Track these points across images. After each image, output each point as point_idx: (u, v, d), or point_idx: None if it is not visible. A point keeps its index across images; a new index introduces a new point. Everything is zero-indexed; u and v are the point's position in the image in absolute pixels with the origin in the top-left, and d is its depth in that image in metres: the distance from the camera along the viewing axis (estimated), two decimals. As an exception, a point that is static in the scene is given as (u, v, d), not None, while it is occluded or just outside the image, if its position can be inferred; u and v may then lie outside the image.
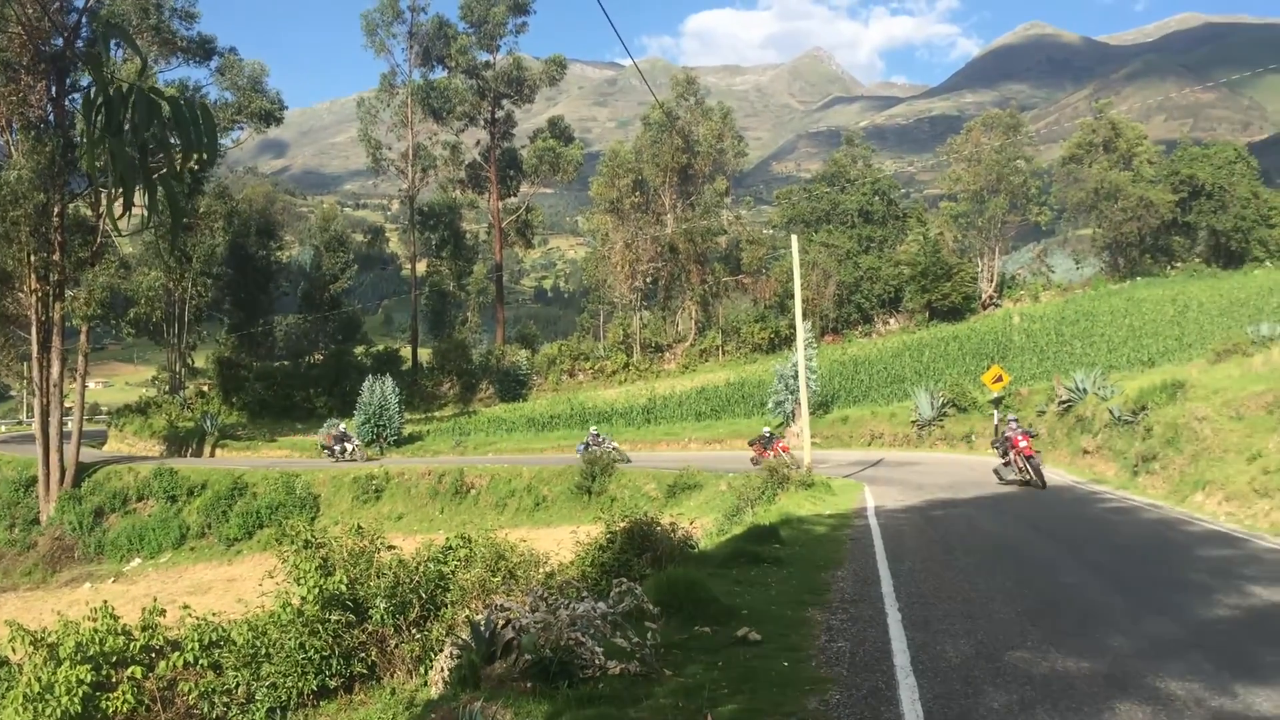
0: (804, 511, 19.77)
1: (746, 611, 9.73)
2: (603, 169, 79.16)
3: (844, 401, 52.12)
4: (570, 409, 60.10)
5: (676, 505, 31.43)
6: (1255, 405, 22.02)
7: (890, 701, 6.88)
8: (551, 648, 7.60)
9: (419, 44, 76.93)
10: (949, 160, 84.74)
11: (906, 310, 74.11)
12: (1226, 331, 43.17)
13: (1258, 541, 14.69)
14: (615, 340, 77.04)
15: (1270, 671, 7.43)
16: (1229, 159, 78.40)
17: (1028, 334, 59.00)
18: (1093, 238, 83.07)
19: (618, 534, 13.41)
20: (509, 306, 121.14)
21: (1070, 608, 10.14)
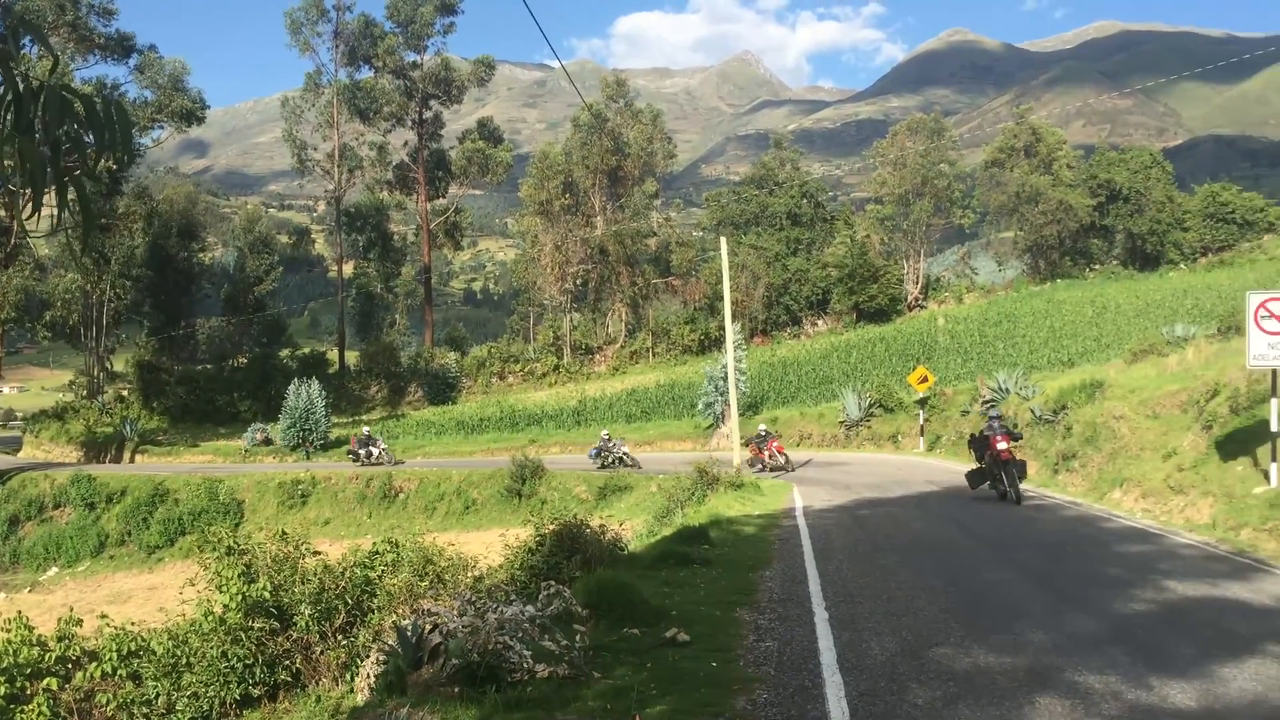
0: (733, 512, 19.86)
1: (676, 612, 9.74)
2: (532, 171, 78.96)
3: (773, 402, 52.52)
4: (500, 411, 59.80)
5: (607, 507, 31.38)
6: (1170, 404, 22.57)
7: (817, 699, 6.93)
8: (479, 652, 7.53)
9: (345, 43, 76.03)
10: (875, 164, 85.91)
11: (834, 312, 74.93)
12: (1143, 332, 44.25)
13: (1173, 537, 15.07)
14: (545, 342, 76.86)
15: (1184, 664, 7.61)
16: (1145, 164, 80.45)
17: (952, 335, 59.96)
18: (1014, 240, 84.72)
19: (547, 537, 13.35)
20: (438, 309, 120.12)
21: (992, 604, 10.31)
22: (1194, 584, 11.07)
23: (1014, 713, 6.54)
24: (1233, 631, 8.66)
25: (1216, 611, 9.57)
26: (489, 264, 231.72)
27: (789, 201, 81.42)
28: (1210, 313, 44.60)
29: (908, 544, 15.25)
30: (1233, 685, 7.03)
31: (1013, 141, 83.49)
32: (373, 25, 76.23)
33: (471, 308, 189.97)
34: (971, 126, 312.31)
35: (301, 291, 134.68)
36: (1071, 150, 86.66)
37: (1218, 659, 7.70)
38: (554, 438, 52.98)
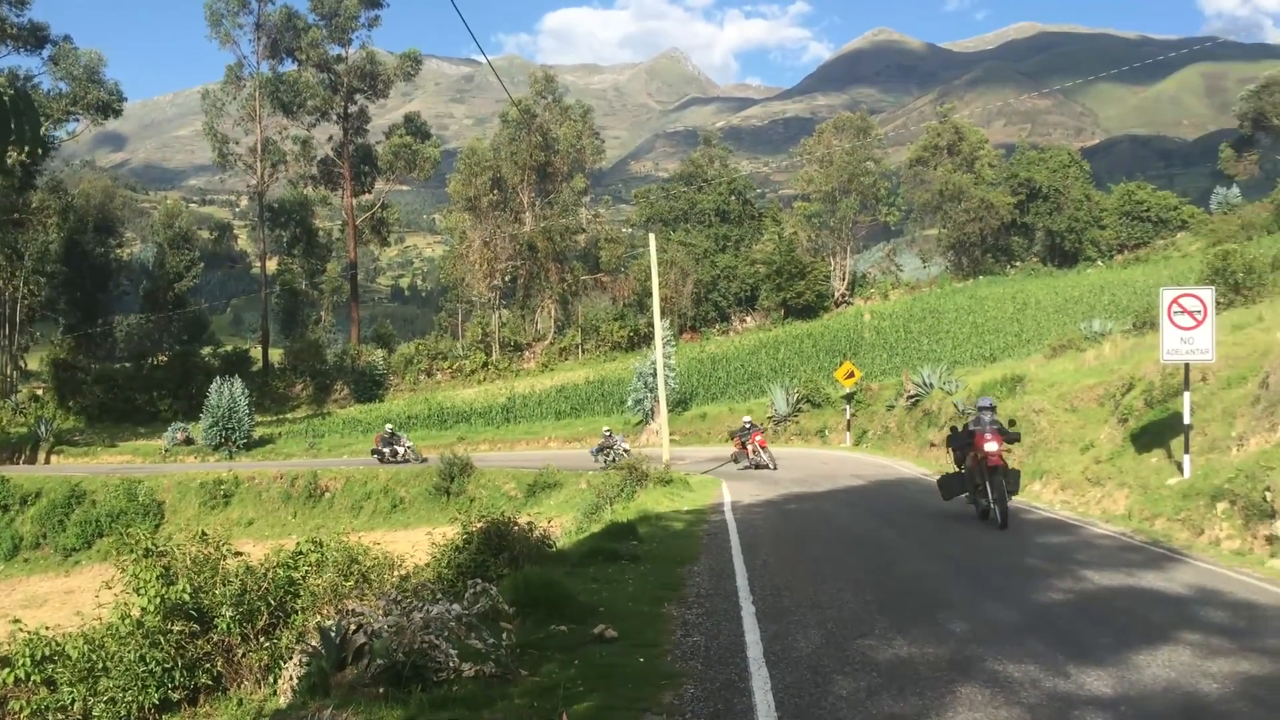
0: (662, 508, 19.90)
1: (604, 609, 9.73)
2: (460, 166, 78.41)
3: (702, 398, 52.77)
4: (428, 409, 59.34)
5: (536, 504, 31.33)
6: (1088, 398, 23.09)
7: (743, 693, 6.97)
8: (404, 651, 7.45)
9: (267, 35, 74.78)
10: (802, 161, 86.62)
11: (763, 308, 75.47)
12: (1062, 328, 45.20)
13: (1090, 528, 15.41)
14: (474, 339, 76.40)
15: (1101, 652, 7.78)
16: (1063, 163, 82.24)
17: (878, 331, 60.73)
18: (938, 238, 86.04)
19: (474, 534, 13.26)
20: (365, 305, 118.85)
21: (916, 595, 10.45)
22: (1110, 573, 11.33)
23: (935, 702, 6.63)
24: (1147, 620, 8.87)
25: (1132, 600, 9.80)
26: (417, 260, 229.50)
27: (717, 198, 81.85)
28: (1126, 308, 45.68)
29: (834, 537, 15.41)
30: (1147, 672, 7.20)
31: (936, 140, 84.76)
32: (295, 18, 75.05)
33: (399, 304, 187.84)
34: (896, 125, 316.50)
35: (223, 288, 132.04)
36: (993, 149, 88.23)
37: (1133, 647, 7.89)
38: (483, 435, 52.70)
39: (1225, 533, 13.73)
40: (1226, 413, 17.00)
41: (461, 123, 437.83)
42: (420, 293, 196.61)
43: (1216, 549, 13.29)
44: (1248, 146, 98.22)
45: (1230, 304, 28.94)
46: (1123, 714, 6.31)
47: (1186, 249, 70.49)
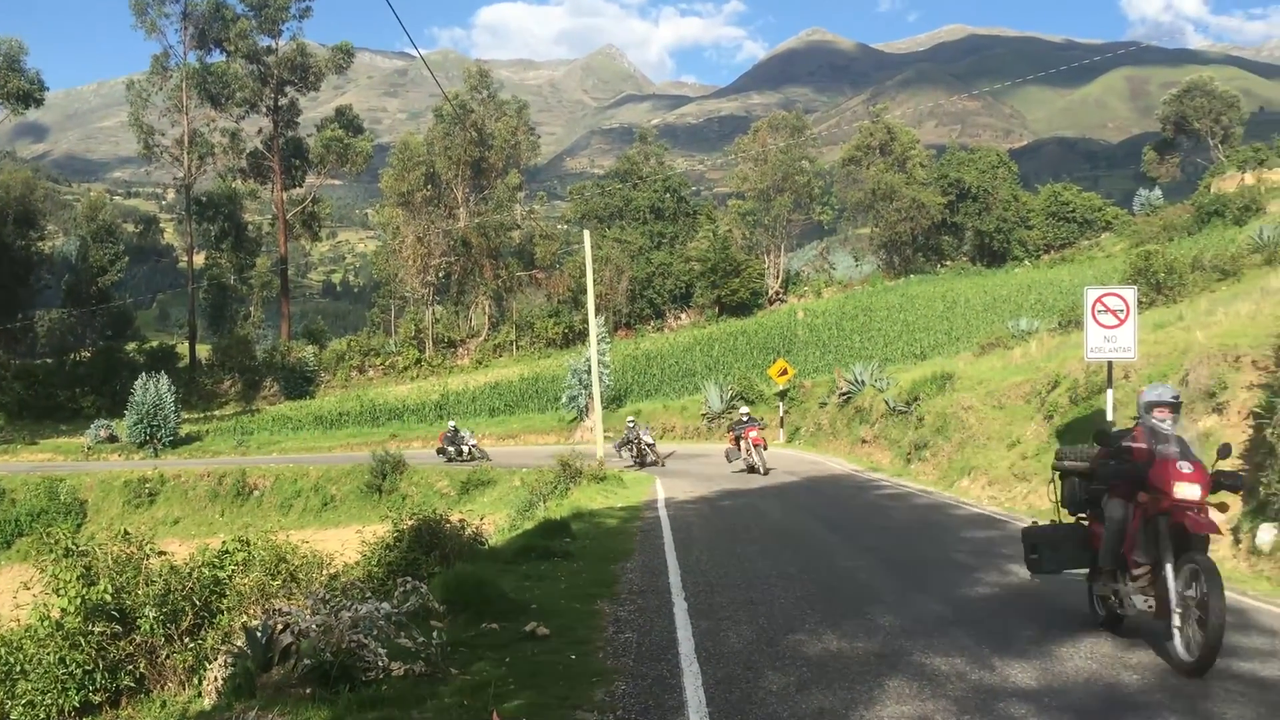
0: (596, 505, 19.89)
1: (536, 606, 9.69)
2: (393, 161, 77.69)
3: (636, 395, 52.84)
4: (360, 406, 58.73)
5: (470, 502, 31.18)
6: (1015, 395, 23.49)
7: (674, 689, 6.98)
8: (332, 651, 7.35)
9: (194, 25, 73.39)
10: (737, 159, 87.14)
11: (697, 305, 75.79)
12: (990, 326, 45.93)
13: (1016, 523, 15.65)
14: (407, 335, 75.75)
15: (1025, 644, 7.92)
16: (992, 164, 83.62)
17: (811, 328, 61.25)
18: (871, 236, 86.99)
19: (405, 532, 13.14)
20: (296, 301, 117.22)
21: (846, 590, 10.56)
22: (1035, 567, 11.53)
23: (863, 695, 6.70)
24: (1070, 612, 9.04)
25: (1055, 593, 9.96)
26: (349, 256, 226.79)
27: (652, 196, 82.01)
28: (1052, 307, 46.54)
29: (766, 533, 15.51)
30: (1069, 664, 7.35)
31: (869, 140, 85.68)
32: (224, 8, 73.78)
33: (331, 300, 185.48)
34: (830, 125, 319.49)
35: (149, 283, 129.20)
36: (924, 149, 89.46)
37: (1055, 639, 8.04)
38: (415, 432, 52.26)
39: (1146, 527, 14.04)
40: (1148, 409, 17.37)
41: (395, 117, 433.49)
42: (353, 288, 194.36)
43: (1137, 543, 13.58)
44: (1170, 149, 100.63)
45: (1152, 303, 29.60)
46: (1045, 705, 6.43)
47: (1111, 249, 72.04)
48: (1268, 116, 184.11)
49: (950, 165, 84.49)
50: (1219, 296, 26.34)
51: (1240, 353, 16.24)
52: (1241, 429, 14.65)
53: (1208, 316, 21.21)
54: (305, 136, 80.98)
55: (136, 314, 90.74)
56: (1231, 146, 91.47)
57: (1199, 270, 34.15)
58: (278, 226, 79.69)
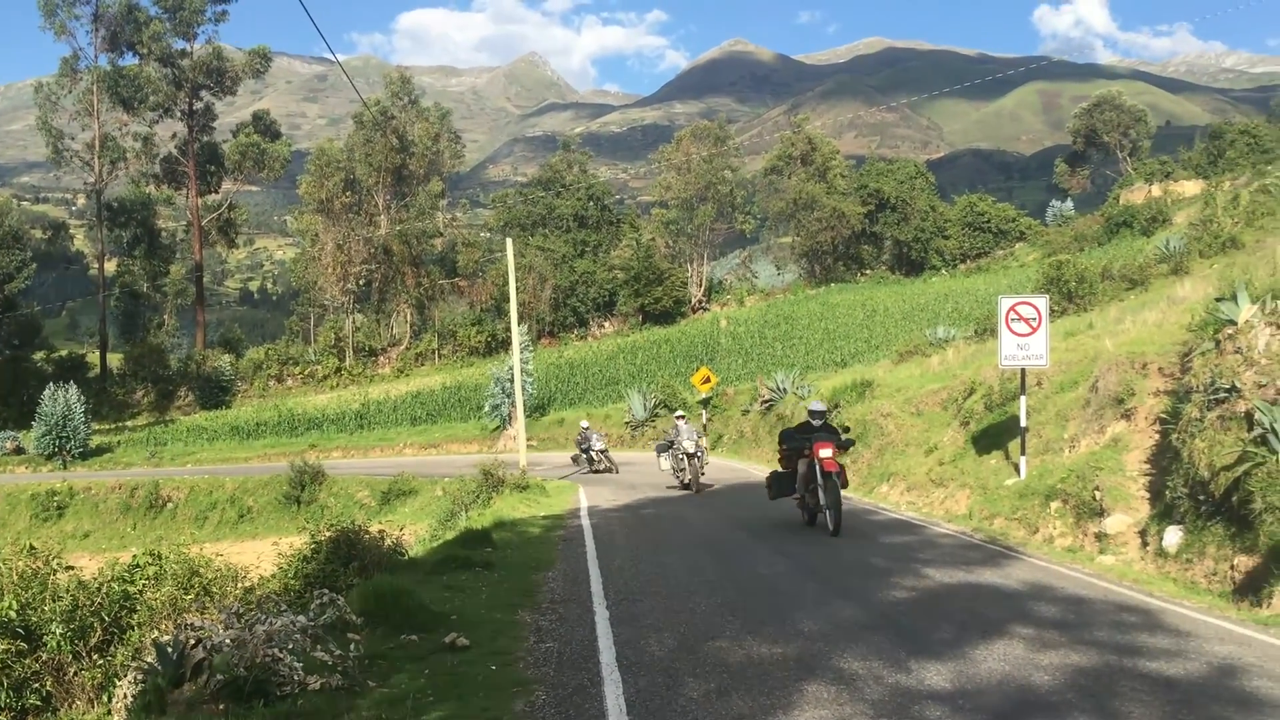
0: (518, 514, 19.78)
1: (456, 617, 9.60)
2: (311, 167, 76.59)
3: (560, 404, 52.74)
4: (278, 416, 57.78)
5: (391, 512, 30.81)
6: (932, 402, 23.89)
7: (595, 698, 6.96)
8: (246, 666, 7.20)
9: (105, 27, 71.78)
10: (660, 168, 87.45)
11: (621, 313, 75.89)
12: (908, 334, 46.66)
13: (933, 527, 15.94)
14: (327, 344, 74.75)
15: (940, 647, 8.03)
16: (910, 174, 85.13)
17: (734, 337, 61.68)
18: (792, 245, 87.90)
19: (323, 544, 12.95)
20: (212, 309, 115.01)
21: (767, 597, 10.62)
22: (951, 571, 11.73)
23: (783, 700, 6.74)
24: (984, 615, 9.20)
25: (970, 596, 10.15)
26: (267, 263, 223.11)
27: (576, 204, 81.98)
28: (968, 315, 47.44)
29: (688, 541, 15.55)
30: (983, 666, 7.47)
31: (790, 150, 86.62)
32: (136, 10, 72.28)
33: (248, 308, 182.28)
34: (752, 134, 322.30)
35: (58, 290, 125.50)
36: (844, 160, 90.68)
37: (970, 641, 8.17)
38: (335, 442, 51.62)
39: (1058, 530, 14.37)
40: (1060, 416, 17.79)
41: (315, 122, 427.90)
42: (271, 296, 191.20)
43: (1050, 546, 13.90)
44: (1080, 162, 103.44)
45: (1064, 312, 30.31)
46: (960, 706, 6.52)
47: (1024, 259, 73.69)
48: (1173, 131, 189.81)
49: (870, 176, 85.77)
50: (1127, 305, 27.07)
51: (1147, 360, 16.68)
52: (1149, 434, 15.05)
53: (1116, 325, 21.79)
54: (221, 142, 79.55)
55: (44, 322, 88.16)
56: (1139, 159, 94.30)
57: (1108, 280, 35.06)
58: (193, 233, 78.17)
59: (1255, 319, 12.88)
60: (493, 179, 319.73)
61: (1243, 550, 10.75)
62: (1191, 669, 7.38)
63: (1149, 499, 13.64)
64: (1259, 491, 10.59)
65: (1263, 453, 10.82)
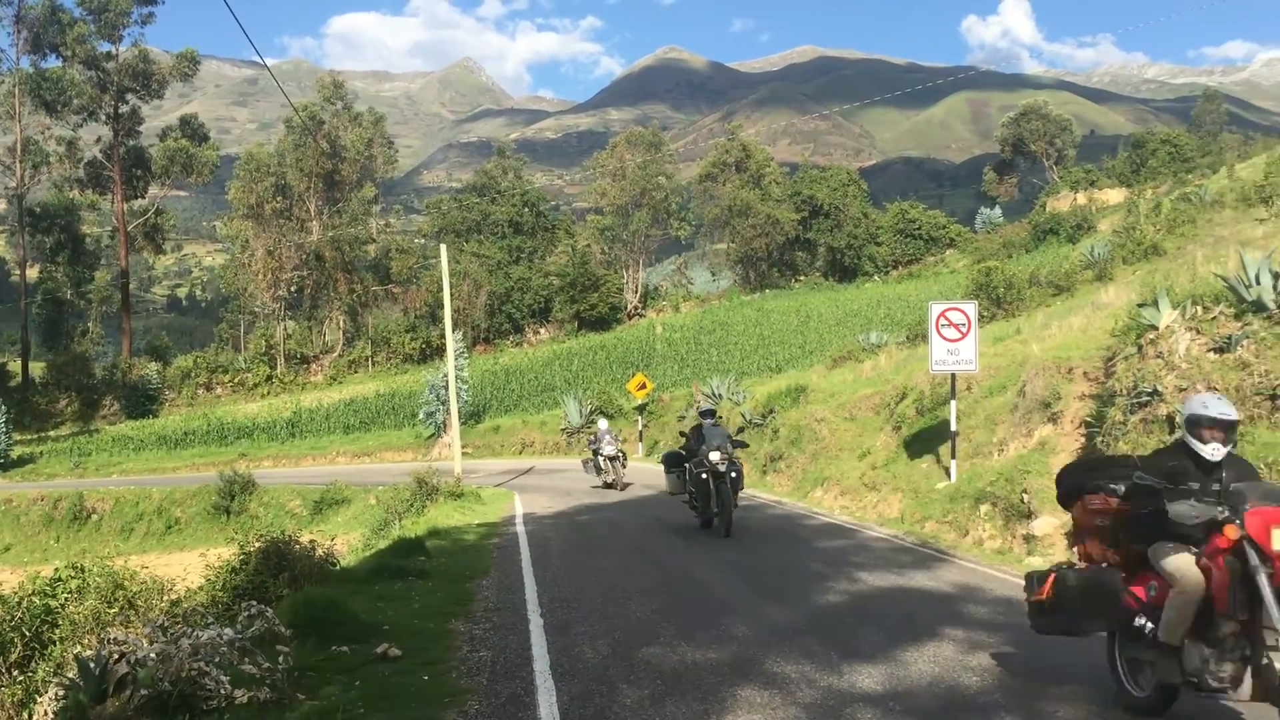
0: (453, 522, 19.64)
1: (388, 627, 9.50)
2: (240, 172, 75.43)
3: (496, 411, 52.46)
4: (207, 425, 56.78)
5: (323, 521, 30.42)
6: (865, 407, 24.15)
7: (529, 706, 6.93)
8: (171, 680, 7.05)
9: (28, 29, 69.99)
10: (595, 175, 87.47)
11: (556, 320, 75.73)
12: (842, 340, 47.04)
13: (866, 531, 16.10)
14: (257, 351, 73.64)
15: (871, 650, 8.12)
16: (843, 181, 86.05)
17: (669, 343, 61.81)
18: (727, 252, 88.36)
19: (252, 555, 12.72)
20: (139, 316, 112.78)
21: (701, 602, 10.65)
22: (883, 574, 11.86)
23: (716, 705, 6.76)
24: (915, 617, 9.31)
25: (902, 599, 10.27)
26: (195, 269, 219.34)
27: (511, 210, 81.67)
28: (900, 321, 47.98)
29: (624, 548, 15.55)
30: (913, 668, 7.55)
31: (725, 157, 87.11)
32: (60, 11, 70.60)
33: (176, 315, 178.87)
34: (686, 141, 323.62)
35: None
36: (778, 167, 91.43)
37: (901, 644, 8.26)
38: (266, 451, 50.87)
39: (988, 533, 14.59)
40: (989, 420, 18.08)
41: (245, 127, 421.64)
42: (200, 303, 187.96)
43: (980, 548, 14.11)
44: (1008, 170, 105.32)
45: (993, 317, 30.79)
46: (890, 709, 6.59)
47: (954, 265, 74.74)
48: (1097, 140, 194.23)
49: (803, 183, 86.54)
50: (1054, 311, 27.57)
51: (1073, 364, 17.01)
52: (1075, 437, 15.35)
53: (1043, 330, 22.19)
54: (148, 146, 78.01)
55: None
56: (1065, 168, 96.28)
57: (1035, 285, 35.67)
58: (118, 239, 76.48)
59: (1176, 324, 13.20)
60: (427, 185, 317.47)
61: (1165, 550, 10.98)
62: (1116, 667, 7.51)
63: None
64: (1180, 492, 10.81)
65: (1183, 455, 11.05)
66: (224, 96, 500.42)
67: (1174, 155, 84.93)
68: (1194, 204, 46.10)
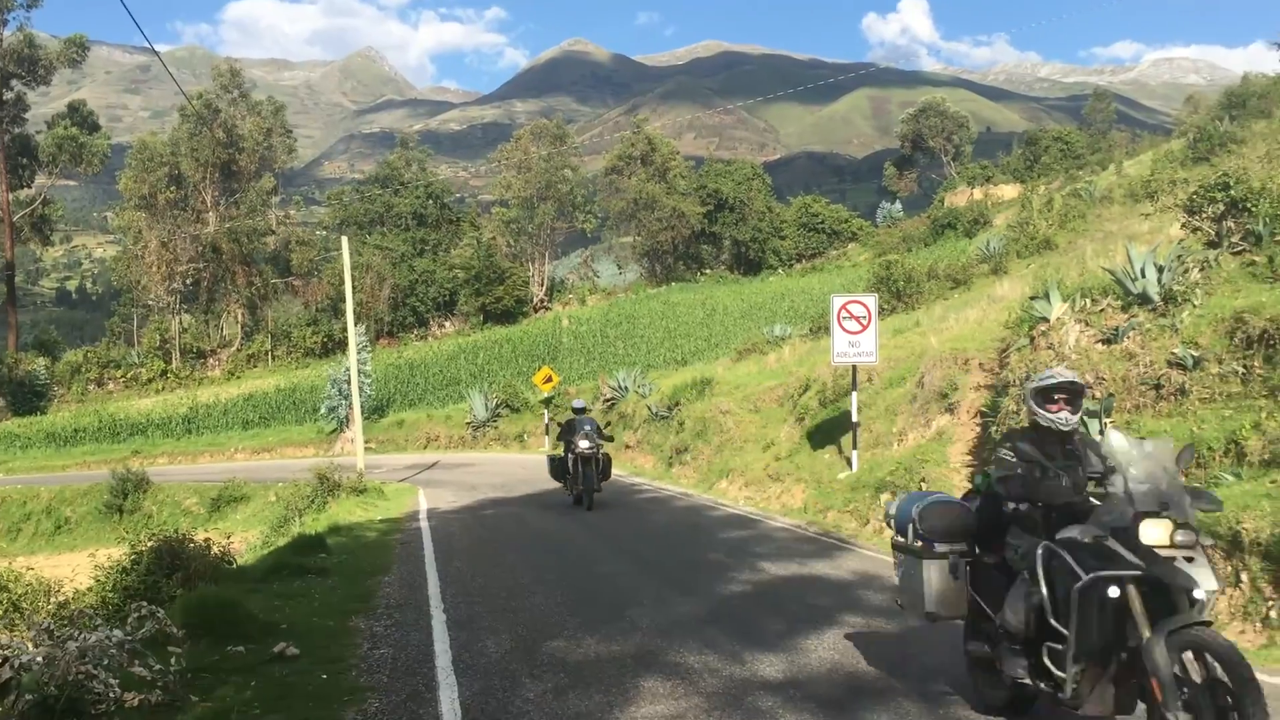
0: (355, 518, 19.36)
1: (286, 626, 9.31)
2: (133, 161, 73.16)
3: (400, 405, 51.85)
4: (99, 421, 55.05)
5: (221, 519, 29.75)
6: (769, 399, 24.41)
7: (430, 703, 6.86)
8: (58, 684, 6.82)
9: (-97, 11, 67.03)
10: (500, 167, 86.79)
11: (461, 313, 75.06)
12: (747, 332, 47.50)
13: (769, 521, 16.27)
14: (151, 346, 71.58)
15: (774, 638, 8.21)
16: (748, 176, 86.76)
17: (576, 336, 61.72)
18: (633, 245, 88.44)
19: (144, 554, 12.37)
20: (25, 310, 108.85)
21: (606, 594, 10.66)
22: (785, 564, 12.00)
23: (619, 697, 6.77)
24: (816, 605, 9.44)
25: (803, 588, 10.40)
26: (86, 261, 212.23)
27: (415, 202, 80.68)
28: (804, 314, 48.58)
29: (529, 541, 15.50)
30: (814, 655, 7.66)
31: (630, 150, 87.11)
32: (-61, -7, 67.76)
33: (66, 309, 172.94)
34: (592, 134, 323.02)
35: None
36: (683, 160, 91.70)
37: (802, 632, 8.37)
38: (161, 448, 49.54)
39: (887, 521, 14.85)
40: (889, 410, 18.43)
41: (137, 115, 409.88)
42: (90, 296, 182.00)
43: (880, 537, 14.33)
44: (908, 165, 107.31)
45: (893, 310, 31.34)
46: (791, 696, 6.67)
47: (856, 259, 75.89)
48: (993, 136, 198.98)
49: (709, 176, 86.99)
50: (951, 303, 28.18)
51: (969, 356, 17.42)
52: (971, 427, 15.73)
53: (941, 322, 22.67)
54: (35, 133, 75.30)
55: None
56: (962, 164, 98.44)
57: (934, 279, 36.36)
58: (3, 230, 73.62)
59: (1066, 316, 13.59)
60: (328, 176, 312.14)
61: (1055, 535, 11.30)
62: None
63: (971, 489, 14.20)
64: (1070, 479, 11.14)
65: (1073, 442, 11.39)
66: (115, 84, 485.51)
67: (1065, 152, 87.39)
68: (1084, 199, 47.48)
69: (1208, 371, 10.91)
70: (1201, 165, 32.73)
